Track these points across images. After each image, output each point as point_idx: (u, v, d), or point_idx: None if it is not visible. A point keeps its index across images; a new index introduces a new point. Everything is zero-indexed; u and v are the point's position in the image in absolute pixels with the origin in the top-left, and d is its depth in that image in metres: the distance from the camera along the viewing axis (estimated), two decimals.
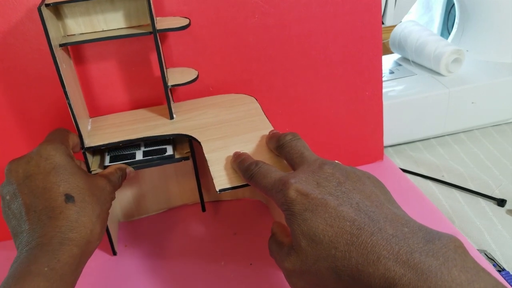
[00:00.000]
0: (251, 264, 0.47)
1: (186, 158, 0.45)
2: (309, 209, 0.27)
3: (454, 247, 0.24)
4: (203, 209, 0.54)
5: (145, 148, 0.46)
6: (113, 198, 0.41)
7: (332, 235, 0.26)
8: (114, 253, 0.50)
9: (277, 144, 0.37)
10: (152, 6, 0.40)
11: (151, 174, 0.53)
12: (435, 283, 0.22)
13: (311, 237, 0.26)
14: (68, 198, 0.34)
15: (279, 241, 0.31)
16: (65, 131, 0.41)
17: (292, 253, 0.28)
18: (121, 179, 0.42)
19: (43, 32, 0.35)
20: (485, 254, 0.48)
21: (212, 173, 0.37)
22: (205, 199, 0.55)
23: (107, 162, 0.44)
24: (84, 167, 0.43)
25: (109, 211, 0.40)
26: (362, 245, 0.24)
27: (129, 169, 0.44)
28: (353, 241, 0.25)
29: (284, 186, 0.29)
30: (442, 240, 0.24)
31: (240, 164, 0.36)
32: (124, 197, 0.53)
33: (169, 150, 0.45)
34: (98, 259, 0.49)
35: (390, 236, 0.24)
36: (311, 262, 0.26)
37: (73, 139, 0.41)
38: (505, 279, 0.44)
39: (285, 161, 0.37)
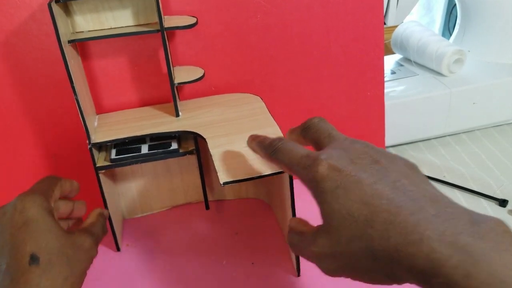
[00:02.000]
0: (252, 263, 0.47)
1: (190, 152, 0.46)
2: (342, 186, 0.25)
3: (502, 231, 0.22)
4: (207, 207, 0.54)
5: (150, 142, 0.46)
6: (93, 255, 0.36)
7: (367, 214, 0.24)
8: (118, 249, 0.50)
9: (302, 127, 0.34)
10: (160, 4, 0.40)
11: (155, 171, 0.53)
12: (488, 267, 0.21)
13: (344, 215, 0.25)
14: (33, 259, 0.31)
15: (299, 231, 0.30)
16: (54, 179, 0.37)
17: (321, 235, 0.26)
18: (104, 227, 0.40)
19: (46, 31, 0.36)
20: None
21: (216, 167, 0.38)
22: (209, 198, 0.55)
23: (113, 156, 0.44)
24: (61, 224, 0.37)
25: (114, 206, 0.38)
26: (402, 224, 0.23)
27: (106, 212, 0.42)
28: (391, 219, 0.23)
29: (314, 162, 0.27)
30: (488, 223, 0.23)
31: (261, 142, 0.34)
32: (128, 194, 0.54)
33: (174, 145, 0.46)
34: (102, 255, 0.50)
35: (432, 216, 0.23)
36: (345, 243, 0.25)
37: (64, 187, 0.37)
38: None
39: None
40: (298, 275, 0.45)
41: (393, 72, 0.76)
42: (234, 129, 0.44)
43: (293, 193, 0.40)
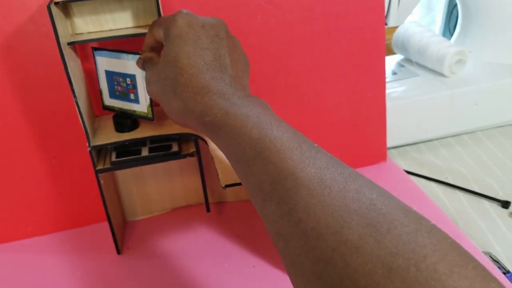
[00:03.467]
0: (254, 266, 0.47)
1: (191, 155, 0.45)
2: (182, 37, 0.31)
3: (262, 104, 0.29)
4: (208, 210, 0.54)
5: (150, 144, 0.46)
6: None
7: (184, 65, 0.30)
8: (119, 253, 0.50)
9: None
10: (160, 6, 0.40)
11: (156, 173, 0.53)
12: (238, 109, 0.28)
13: (169, 59, 0.31)
14: None
15: (153, 62, 0.36)
16: None
17: (154, 68, 0.34)
18: None
19: (46, 33, 0.35)
20: (490, 256, 0.48)
21: (218, 170, 0.38)
22: (210, 200, 0.55)
23: (113, 158, 0.44)
24: None
25: (114, 209, 0.39)
26: (201, 82, 0.30)
27: None
28: (196, 74, 0.30)
29: (175, 14, 0.32)
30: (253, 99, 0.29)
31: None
32: (129, 197, 0.53)
33: (175, 147, 0.45)
34: (102, 258, 0.49)
35: (213, 79, 0.30)
36: (162, 77, 0.32)
37: None
38: (510, 281, 0.44)
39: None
40: None
41: (394, 73, 0.75)
42: None
43: None
